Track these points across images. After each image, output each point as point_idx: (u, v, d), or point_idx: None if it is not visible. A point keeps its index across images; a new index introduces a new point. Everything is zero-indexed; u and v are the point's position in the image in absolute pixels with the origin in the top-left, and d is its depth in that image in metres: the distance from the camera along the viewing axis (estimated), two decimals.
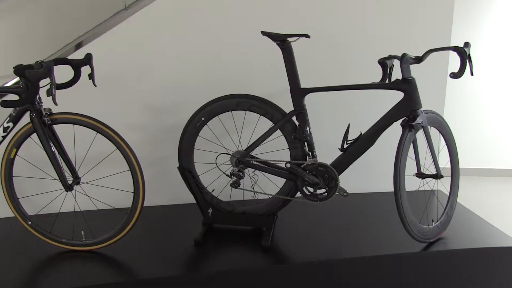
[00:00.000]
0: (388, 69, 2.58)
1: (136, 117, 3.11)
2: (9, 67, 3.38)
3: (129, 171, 2.43)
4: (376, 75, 2.59)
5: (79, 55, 2.62)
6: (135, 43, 3.03)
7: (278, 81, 2.70)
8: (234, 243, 2.68)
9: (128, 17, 3.01)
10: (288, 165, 2.60)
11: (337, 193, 2.58)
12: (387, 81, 2.58)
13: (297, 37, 2.48)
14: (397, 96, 2.49)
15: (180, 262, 2.48)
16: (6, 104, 2.21)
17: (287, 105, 2.58)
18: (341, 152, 2.60)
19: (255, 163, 2.62)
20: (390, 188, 2.48)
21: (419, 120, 2.49)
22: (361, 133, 2.57)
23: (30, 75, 2.21)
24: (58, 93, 2.23)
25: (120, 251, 2.55)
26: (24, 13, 3.62)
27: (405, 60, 2.45)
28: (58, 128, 2.42)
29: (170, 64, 3.09)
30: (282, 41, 2.49)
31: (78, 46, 3.01)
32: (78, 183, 2.50)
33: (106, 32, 2.99)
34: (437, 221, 2.72)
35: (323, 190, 2.59)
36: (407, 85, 2.47)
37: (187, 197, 2.79)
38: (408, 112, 2.49)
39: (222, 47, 3.11)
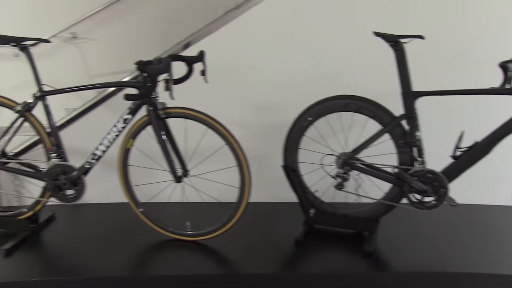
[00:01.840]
0: (509, 73, 2.40)
1: (241, 114, 3.18)
2: (120, 63, 3.64)
3: (237, 167, 2.49)
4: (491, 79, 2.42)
5: (190, 52, 2.71)
6: (244, 41, 3.10)
7: (386, 83, 2.62)
8: (335, 246, 2.65)
9: (238, 16, 3.08)
10: (396, 170, 2.52)
11: (445, 202, 2.45)
12: (508, 86, 2.40)
13: (410, 38, 2.39)
14: None
15: (280, 260, 2.50)
16: (128, 97, 2.34)
17: (395, 108, 2.51)
18: (453, 160, 2.47)
19: (361, 166, 2.57)
20: (508, 202, 2.30)
21: None
22: (476, 141, 2.42)
23: (151, 70, 2.32)
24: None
25: (223, 244, 2.62)
26: (136, 14, 3.81)
27: None
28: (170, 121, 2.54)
29: (277, 63, 3.12)
30: (395, 42, 2.41)
31: (187, 45, 3.14)
32: (186, 176, 2.61)
33: (217, 31, 3.10)
34: None
35: (431, 198, 2.48)
36: None
37: (288, 196, 2.81)
38: None
39: (329, 47, 3.08)
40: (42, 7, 3.67)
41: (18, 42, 2.62)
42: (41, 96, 2.65)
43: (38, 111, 2.69)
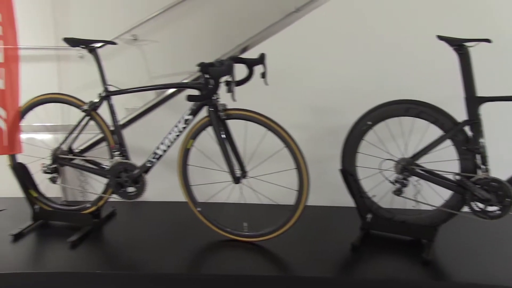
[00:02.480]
0: None
1: (300, 117, 3.19)
2: (179, 65, 3.71)
3: (296, 169, 2.50)
4: None
5: (249, 55, 2.74)
6: (303, 44, 3.11)
7: (447, 87, 2.56)
8: (392, 252, 2.61)
9: (297, 20, 3.09)
10: (458, 177, 2.45)
11: (510, 213, 2.36)
12: None
13: (476, 42, 2.32)
14: None
15: (336, 264, 2.49)
16: (190, 98, 2.40)
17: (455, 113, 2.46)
18: None
19: (420, 172, 2.52)
20: None
21: None
22: None
23: (214, 72, 2.37)
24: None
25: (279, 246, 2.63)
26: (194, 17, 3.88)
27: None
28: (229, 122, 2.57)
29: (336, 66, 3.12)
30: (459, 46, 2.36)
31: (246, 48, 3.19)
32: (244, 177, 2.64)
33: (276, 34, 3.12)
34: None
35: (495, 208, 2.39)
36: None
37: (344, 200, 2.78)
38: None
39: (389, 51, 3.04)
40: (104, 10, 3.80)
41: (87, 44, 2.74)
42: (107, 96, 2.76)
43: (102, 110, 2.81)
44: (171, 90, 3.27)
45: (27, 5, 3.14)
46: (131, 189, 2.77)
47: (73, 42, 2.75)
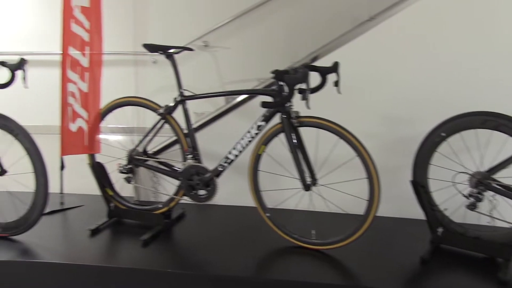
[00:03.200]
0: None
1: (372, 126, 3.16)
2: (248, 72, 3.78)
3: (367, 179, 2.48)
4: None
5: (320, 63, 2.75)
6: (377, 53, 3.10)
7: None
8: (463, 269, 2.52)
9: (371, 28, 3.08)
10: None
11: None
12: None
13: None
14: None
15: (403, 277, 2.44)
16: (265, 105, 2.44)
17: None
18: None
19: (497, 186, 2.43)
20: None
21: None
22: None
23: (289, 80, 2.41)
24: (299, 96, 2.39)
25: (346, 255, 2.62)
26: (266, 25, 3.93)
27: None
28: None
29: (410, 75, 3.08)
30: None
31: (316, 57, 3.20)
32: (315, 184, 2.65)
33: (349, 42, 3.12)
34: None
35: None
36: None
37: (414, 212, 2.74)
38: None
39: (467, 61, 2.97)
40: (177, 18, 3.94)
41: (164, 50, 2.85)
42: (182, 100, 2.86)
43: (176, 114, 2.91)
44: (242, 96, 3.34)
45: (111, 13, 3.29)
46: (202, 192, 2.85)
47: (151, 48, 2.87)
